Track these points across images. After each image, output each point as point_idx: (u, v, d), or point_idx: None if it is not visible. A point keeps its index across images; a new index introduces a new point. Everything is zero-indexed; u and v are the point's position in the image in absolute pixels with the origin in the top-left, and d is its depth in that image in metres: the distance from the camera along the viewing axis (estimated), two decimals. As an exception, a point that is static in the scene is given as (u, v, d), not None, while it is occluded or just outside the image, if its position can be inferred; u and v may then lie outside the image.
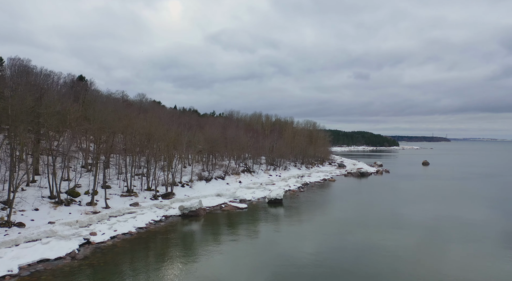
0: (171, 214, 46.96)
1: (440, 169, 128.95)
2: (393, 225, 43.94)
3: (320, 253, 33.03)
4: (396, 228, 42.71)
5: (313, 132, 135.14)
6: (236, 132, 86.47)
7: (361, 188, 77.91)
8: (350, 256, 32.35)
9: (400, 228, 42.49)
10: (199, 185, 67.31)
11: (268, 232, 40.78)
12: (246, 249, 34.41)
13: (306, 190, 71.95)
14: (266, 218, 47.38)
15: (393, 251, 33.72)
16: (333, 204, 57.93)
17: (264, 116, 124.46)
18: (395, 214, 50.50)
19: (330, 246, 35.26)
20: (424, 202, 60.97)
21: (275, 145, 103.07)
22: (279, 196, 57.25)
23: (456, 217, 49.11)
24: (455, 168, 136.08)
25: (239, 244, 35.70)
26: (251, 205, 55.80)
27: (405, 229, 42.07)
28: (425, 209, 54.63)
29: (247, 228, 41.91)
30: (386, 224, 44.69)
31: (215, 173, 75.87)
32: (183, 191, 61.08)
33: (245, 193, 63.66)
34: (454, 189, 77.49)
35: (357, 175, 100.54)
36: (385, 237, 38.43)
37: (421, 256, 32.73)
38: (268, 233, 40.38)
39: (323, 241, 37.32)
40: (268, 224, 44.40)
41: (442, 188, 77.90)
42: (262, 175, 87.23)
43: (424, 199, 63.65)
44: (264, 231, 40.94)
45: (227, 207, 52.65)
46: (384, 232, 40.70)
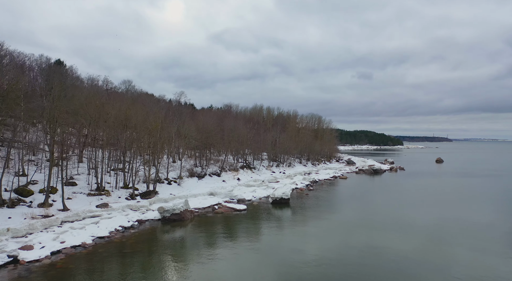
0: (148, 218, 36.56)
1: (455, 167, 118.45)
2: (422, 231, 33.53)
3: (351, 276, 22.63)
4: (426, 234, 32.31)
5: (319, 126, 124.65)
6: (234, 123, 76.05)
7: (377, 187, 67.49)
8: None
9: (429, 235, 32.09)
10: (190, 182, 56.88)
11: (274, 243, 30.37)
12: (244, 270, 23.97)
13: (315, 188, 61.53)
14: (271, 223, 36.95)
15: (427, 267, 23.33)
16: (349, 205, 47.48)
17: (266, 109, 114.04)
18: (419, 217, 40.09)
19: (360, 263, 24.83)
20: (449, 202, 50.59)
21: (278, 139, 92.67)
22: (286, 195, 46.86)
23: (487, 220, 38.69)
24: (470, 165, 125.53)
25: (235, 263, 25.26)
26: (251, 206, 45.41)
27: (433, 235, 31.65)
28: (453, 211, 44.24)
29: (245, 236, 31.49)
30: (414, 230, 34.27)
31: (209, 169, 65.46)
32: (169, 189, 50.65)
33: (244, 191, 53.27)
34: (478, 187, 67.04)
35: (369, 172, 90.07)
36: (415, 246, 28.06)
37: (452, 269, 22.33)
38: (274, 244, 29.97)
39: (350, 256, 26.88)
40: (273, 231, 33.97)
41: (465, 187, 67.48)
42: (264, 172, 76.76)
43: (450, 200, 53.24)
44: (268, 242, 30.53)
45: (221, 208, 42.22)
46: (415, 240, 30.30)
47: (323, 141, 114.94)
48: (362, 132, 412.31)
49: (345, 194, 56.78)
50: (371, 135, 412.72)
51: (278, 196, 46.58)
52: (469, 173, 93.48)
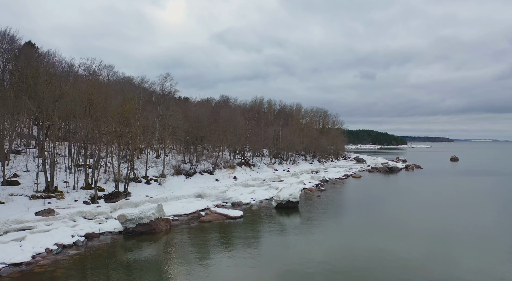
0: (104, 230, 26.21)
1: (473, 164, 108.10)
2: (461, 243, 23.24)
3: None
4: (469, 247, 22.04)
5: (324, 121, 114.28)
6: (231, 114, 65.67)
7: (398, 187, 57.06)
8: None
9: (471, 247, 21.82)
10: (175, 181, 46.55)
11: (284, 270, 19.98)
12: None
13: (327, 188, 51.14)
14: (276, 238, 26.59)
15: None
16: (374, 209, 37.04)
17: (267, 102, 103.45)
18: (457, 224, 29.77)
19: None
20: (484, 204, 40.30)
21: (281, 134, 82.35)
22: (294, 197, 36.50)
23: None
24: (487, 163, 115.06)
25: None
26: (250, 211, 35.07)
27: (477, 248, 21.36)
28: (492, 214, 33.97)
29: (240, 259, 21.15)
30: (454, 241, 23.94)
31: (200, 166, 55.17)
32: (147, 190, 40.34)
33: (240, 192, 42.93)
34: (508, 187, 56.74)
35: (384, 170, 79.67)
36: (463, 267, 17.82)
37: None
38: (284, 273, 19.58)
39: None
40: (281, 251, 23.61)
41: (495, 187, 57.09)
42: (265, 170, 66.42)
43: (483, 201, 42.94)
44: (277, 271, 20.15)
45: (209, 215, 31.77)
46: (459, 256, 20.02)
47: (329, 137, 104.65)
48: (364, 132, 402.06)
49: (364, 196, 46.34)
50: (374, 134, 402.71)
51: (284, 199, 36.23)
52: (491, 172, 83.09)
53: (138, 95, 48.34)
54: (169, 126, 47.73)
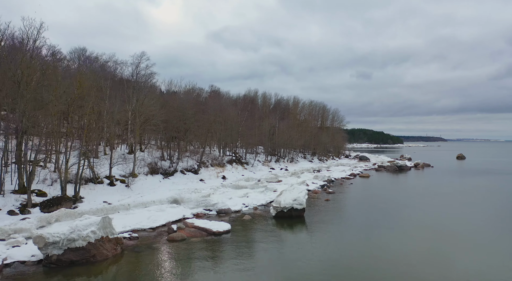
0: (14, 259, 17.13)
1: (482, 162, 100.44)
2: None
3: None
4: None
5: (323, 117, 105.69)
6: (220, 103, 56.62)
7: (417, 188, 48.19)
8: None
9: None
10: (148, 182, 37.50)
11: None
12: None
13: (335, 190, 42.35)
14: (279, 269, 17.78)
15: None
16: (408, 221, 28.39)
17: (261, 95, 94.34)
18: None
19: None
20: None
21: (277, 128, 73.55)
22: (300, 203, 27.64)
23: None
24: (495, 161, 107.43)
25: None
26: (240, 223, 26.17)
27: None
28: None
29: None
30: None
31: (183, 163, 46.22)
32: (107, 193, 31.25)
33: (229, 196, 33.99)
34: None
35: (393, 169, 71.22)
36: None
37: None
38: None
39: None
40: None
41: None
42: (260, 169, 57.57)
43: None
44: None
45: (183, 230, 22.69)
46: None
47: (329, 133, 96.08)
48: (360, 130, 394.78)
49: (384, 200, 37.46)
50: (370, 133, 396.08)
51: (287, 205, 27.34)
52: (506, 170, 75.10)
53: (103, 75, 39.28)
54: (141, 114, 38.55)
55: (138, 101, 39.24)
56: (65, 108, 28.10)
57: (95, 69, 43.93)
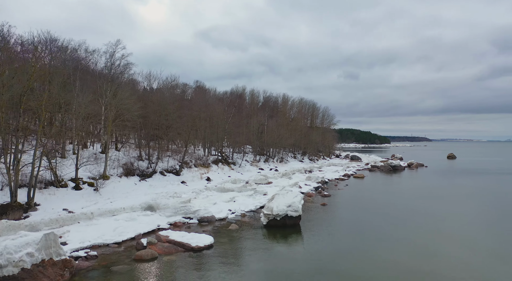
0: None
1: (474, 162, 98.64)
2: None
3: None
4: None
5: (313, 115, 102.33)
6: (205, 98, 52.40)
7: (418, 189, 44.73)
8: None
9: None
10: (121, 185, 33.11)
11: None
12: None
13: (330, 193, 38.63)
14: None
15: None
16: (419, 229, 24.86)
17: (249, 93, 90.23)
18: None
19: None
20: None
21: (266, 126, 69.71)
22: (295, 209, 23.75)
23: None
24: (486, 161, 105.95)
25: None
26: (225, 234, 22.13)
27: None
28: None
29: None
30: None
31: (163, 164, 41.94)
32: (70, 199, 26.79)
33: (213, 201, 29.86)
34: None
35: (387, 169, 68.16)
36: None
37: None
38: None
39: None
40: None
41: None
42: (248, 169, 53.60)
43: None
44: None
45: (154, 246, 18.49)
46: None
47: (319, 132, 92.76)
48: (348, 130, 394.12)
49: (385, 203, 33.87)
50: (358, 133, 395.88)
51: (280, 212, 23.40)
52: (500, 170, 73.00)
53: (72, 64, 34.76)
54: (114, 108, 34.05)
55: (111, 94, 34.73)
56: (16, 98, 23.53)
57: (65, 57, 39.16)
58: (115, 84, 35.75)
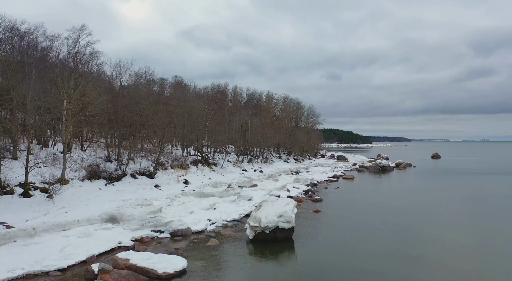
0: None
1: (459, 162, 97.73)
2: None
3: None
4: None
5: (297, 114, 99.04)
6: (183, 94, 48.00)
7: (414, 193, 41.59)
8: None
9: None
10: (82, 191, 28.46)
11: None
12: None
13: (322, 196, 34.98)
14: None
15: None
16: (431, 240, 21.45)
17: (232, 89, 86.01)
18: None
19: None
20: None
21: (250, 125, 65.73)
22: (287, 220, 19.85)
23: None
24: (472, 160, 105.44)
25: None
26: (202, 252, 18.00)
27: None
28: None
29: None
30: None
31: (135, 165, 37.42)
32: (14, 209, 22.02)
33: (191, 209, 25.57)
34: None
35: (376, 169, 65.38)
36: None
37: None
38: None
39: None
40: None
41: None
42: (231, 170, 49.52)
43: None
44: None
45: (107, 274, 14.30)
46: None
47: (304, 131, 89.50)
48: (330, 130, 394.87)
49: (385, 209, 30.42)
50: (340, 133, 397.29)
51: (269, 224, 19.44)
52: (490, 171, 71.57)
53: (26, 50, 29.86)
54: (74, 101, 29.31)
55: (71, 84, 29.95)
56: None
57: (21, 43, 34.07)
58: (76, 74, 30.94)
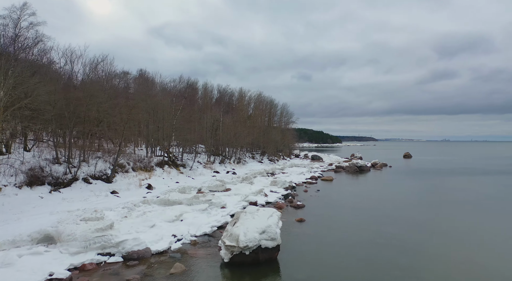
0: None
1: (433, 161, 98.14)
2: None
3: None
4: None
5: (270, 113, 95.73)
6: (147, 85, 43.09)
7: (400, 195, 39.03)
8: None
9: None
10: (18, 200, 23.23)
11: None
12: None
13: (303, 201, 31.43)
14: None
15: None
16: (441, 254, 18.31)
17: (202, 86, 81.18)
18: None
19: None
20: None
21: (222, 123, 61.46)
22: (272, 236, 15.98)
23: None
24: (444, 159, 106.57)
25: None
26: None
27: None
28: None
29: None
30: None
31: (89, 167, 32.35)
32: None
33: (152, 222, 21.05)
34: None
35: (353, 170, 63.05)
36: None
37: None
38: None
39: None
40: None
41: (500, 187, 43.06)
42: (201, 172, 45.13)
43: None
44: None
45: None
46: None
47: (278, 130, 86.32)
48: (301, 130, 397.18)
49: (377, 215, 27.26)
50: (311, 132, 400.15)
51: (250, 244, 15.48)
52: (466, 170, 71.40)
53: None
54: (7, 91, 24.06)
55: (4, 71, 24.61)
56: None
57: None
58: (11, 60, 25.63)
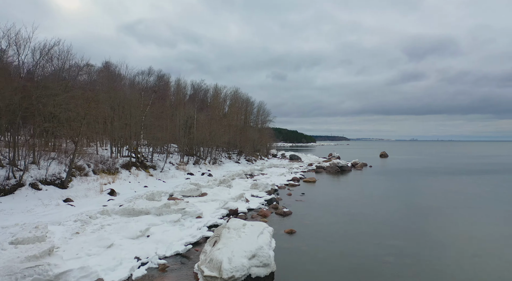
0: None
1: (410, 161, 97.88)
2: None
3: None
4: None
5: (246, 110, 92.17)
6: (110, 77, 38.39)
7: (392, 197, 36.51)
8: None
9: None
10: None
11: None
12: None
13: (289, 207, 28.00)
14: None
15: None
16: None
17: (175, 82, 76.46)
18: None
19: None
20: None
21: (196, 121, 57.24)
22: (264, 262, 12.28)
23: None
24: (419, 159, 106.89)
25: None
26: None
27: None
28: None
29: None
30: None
31: (40, 170, 27.55)
32: None
33: (110, 240, 16.82)
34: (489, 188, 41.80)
35: (335, 170, 60.52)
36: None
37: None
38: None
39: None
40: None
41: (496, 188, 41.65)
42: (173, 174, 40.85)
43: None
44: None
45: None
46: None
47: (255, 129, 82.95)
48: (276, 129, 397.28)
49: (373, 223, 24.18)
50: (285, 132, 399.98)
51: (237, 273, 11.78)
52: (445, 170, 70.76)
53: None
54: None
55: None
56: None
57: None
58: None
